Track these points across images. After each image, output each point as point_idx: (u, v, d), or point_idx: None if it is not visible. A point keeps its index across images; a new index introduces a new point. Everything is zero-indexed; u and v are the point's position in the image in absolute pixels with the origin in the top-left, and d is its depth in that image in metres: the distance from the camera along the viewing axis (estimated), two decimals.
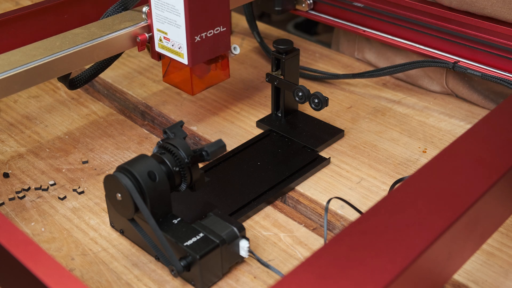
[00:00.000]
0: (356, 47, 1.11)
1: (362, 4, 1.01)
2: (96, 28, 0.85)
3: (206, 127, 0.94)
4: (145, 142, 0.91)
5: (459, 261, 0.58)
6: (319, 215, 0.78)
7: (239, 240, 0.68)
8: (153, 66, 1.10)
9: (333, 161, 0.86)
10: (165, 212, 0.68)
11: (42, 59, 0.78)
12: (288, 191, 0.81)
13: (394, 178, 0.82)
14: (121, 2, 0.90)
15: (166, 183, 0.66)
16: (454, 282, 0.68)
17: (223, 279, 0.69)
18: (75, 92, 1.04)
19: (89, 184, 0.83)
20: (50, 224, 0.77)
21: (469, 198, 0.55)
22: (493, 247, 0.72)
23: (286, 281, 0.48)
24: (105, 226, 0.76)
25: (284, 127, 0.91)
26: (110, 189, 0.67)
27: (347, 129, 0.92)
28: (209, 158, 0.68)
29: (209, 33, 0.83)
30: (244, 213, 0.76)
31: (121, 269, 0.70)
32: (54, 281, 0.49)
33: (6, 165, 0.87)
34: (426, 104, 0.98)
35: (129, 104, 1.02)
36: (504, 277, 0.68)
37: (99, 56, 0.84)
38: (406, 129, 0.92)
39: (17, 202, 0.80)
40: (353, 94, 1.01)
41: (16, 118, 0.97)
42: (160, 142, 0.69)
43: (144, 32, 0.87)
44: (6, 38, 0.88)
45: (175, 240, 0.66)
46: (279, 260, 0.71)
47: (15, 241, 0.53)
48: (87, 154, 0.89)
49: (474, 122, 0.93)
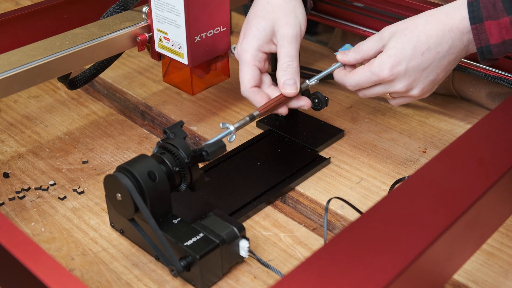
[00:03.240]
0: None
1: (362, 4, 1.01)
2: (96, 28, 0.85)
3: (206, 127, 0.94)
4: (145, 142, 0.91)
5: (459, 261, 0.58)
6: (319, 215, 0.78)
7: (239, 240, 0.68)
8: (153, 66, 1.10)
9: (333, 161, 0.86)
10: (165, 212, 0.68)
11: (42, 59, 0.78)
12: (288, 191, 0.81)
13: (394, 178, 0.82)
14: (121, 2, 0.90)
15: (166, 183, 0.66)
16: (454, 282, 0.68)
17: (223, 279, 0.69)
18: (75, 92, 1.04)
19: (89, 184, 0.83)
20: (50, 224, 0.77)
21: (469, 198, 0.55)
22: (493, 247, 0.72)
23: (286, 281, 0.48)
24: (105, 226, 0.76)
25: (284, 127, 0.91)
26: (110, 189, 0.67)
27: (347, 129, 0.92)
28: (209, 158, 0.68)
29: (209, 33, 0.83)
30: (244, 213, 0.76)
31: (121, 269, 0.70)
32: (54, 281, 0.49)
33: (6, 165, 0.87)
34: (426, 104, 0.98)
35: (129, 104, 1.02)
36: (504, 277, 0.68)
37: (99, 56, 0.84)
38: (406, 129, 0.92)
39: (17, 202, 0.80)
40: (353, 94, 1.01)
41: (16, 118, 0.97)
42: (160, 142, 0.69)
43: (144, 32, 0.87)
44: (6, 38, 0.88)
45: (175, 240, 0.66)
46: (279, 260, 0.71)
47: (15, 241, 0.53)
48: (87, 154, 0.89)
49: (474, 122, 0.93)
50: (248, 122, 0.76)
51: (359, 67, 0.79)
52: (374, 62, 0.76)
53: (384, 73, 0.75)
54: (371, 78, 0.76)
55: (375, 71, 0.76)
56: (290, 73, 0.79)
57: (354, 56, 0.80)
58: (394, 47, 0.74)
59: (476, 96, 0.97)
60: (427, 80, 0.76)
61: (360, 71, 0.78)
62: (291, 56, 0.79)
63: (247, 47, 0.80)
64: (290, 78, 0.78)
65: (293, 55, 0.79)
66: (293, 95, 0.79)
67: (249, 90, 0.80)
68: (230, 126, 0.74)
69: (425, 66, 0.75)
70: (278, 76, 0.79)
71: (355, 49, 0.80)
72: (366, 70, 0.77)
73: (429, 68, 0.75)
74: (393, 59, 0.74)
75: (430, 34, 0.74)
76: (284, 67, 0.79)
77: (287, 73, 0.79)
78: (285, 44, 0.79)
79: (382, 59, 0.75)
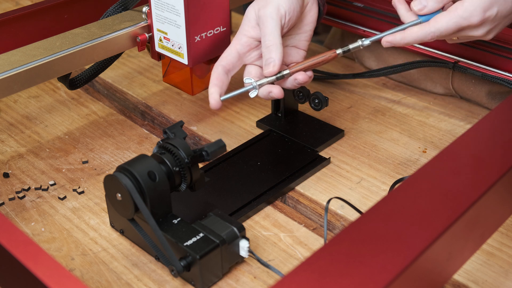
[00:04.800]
0: (354, 55, 1.10)
1: (362, 4, 1.01)
2: (96, 28, 0.85)
3: (206, 127, 0.94)
4: (145, 142, 0.91)
5: (459, 261, 0.58)
6: (319, 215, 0.78)
7: (239, 240, 0.68)
8: (153, 66, 1.10)
9: (333, 161, 0.86)
10: (165, 212, 0.68)
11: (42, 59, 0.78)
12: (288, 191, 0.81)
13: (394, 178, 0.82)
14: (121, 2, 0.90)
15: (166, 183, 0.66)
16: (454, 282, 0.68)
17: (223, 279, 0.69)
18: (75, 92, 1.04)
19: (89, 184, 0.83)
20: (50, 224, 0.77)
21: (469, 198, 0.55)
22: (493, 247, 0.72)
23: (286, 281, 0.48)
24: (105, 226, 0.76)
25: (284, 127, 0.91)
26: (110, 189, 0.67)
27: (347, 129, 0.92)
28: (209, 158, 0.68)
29: (209, 33, 0.83)
30: (244, 213, 0.76)
31: (121, 269, 0.70)
32: (54, 281, 0.49)
33: (6, 165, 0.87)
34: (426, 104, 0.98)
35: (129, 104, 1.02)
36: (504, 277, 0.68)
37: (99, 56, 0.84)
38: (406, 129, 0.92)
39: (17, 202, 0.80)
40: (353, 94, 1.01)
41: (16, 118, 0.97)
42: (160, 142, 0.69)
43: (144, 32, 0.87)
44: (6, 38, 0.88)
45: (175, 240, 0.66)
46: (279, 260, 0.71)
47: (15, 241, 0.53)
48: (87, 154, 0.89)
49: (474, 122, 0.93)
50: (274, 80, 0.76)
51: (442, 14, 0.73)
52: (464, 6, 0.71)
53: (475, 18, 0.71)
54: (460, 23, 0.72)
55: (465, 15, 0.71)
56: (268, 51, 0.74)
57: (435, 4, 0.74)
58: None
59: (476, 96, 0.97)
60: (504, 26, 0.73)
61: (446, 18, 0.72)
62: (270, 33, 0.74)
63: (237, 35, 0.79)
64: (268, 58, 0.75)
65: (271, 32, 0.74)
66: (271, 74, 0.75)
67: (216, 66, 0.77)
68: (254, 82, 0.74)
69: (510, 12, 0.71)
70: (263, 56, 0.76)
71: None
72: (455, 16, 0.71)
73: (511, 15, 0.72)
74: (485, 3, 0.70)
75: None
76: (264, 46, 0.75)
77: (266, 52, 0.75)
78: (264, 24, 0.75)
79: (473, 2, 0.70)
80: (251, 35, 0.77)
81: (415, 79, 1.02)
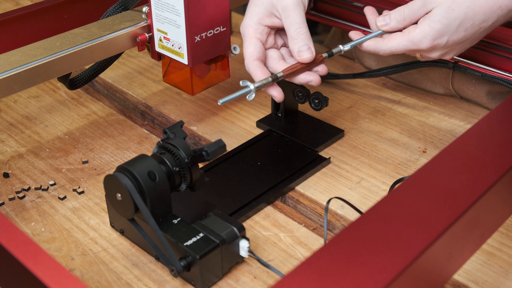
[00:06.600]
0: (354, 55, 1.10)
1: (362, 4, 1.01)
2: (96, 28, 0.85)
3: (206, 127, 0.94)
4: (145, 142, 0.91)
5: (459, 261, 0.58)
6: (319, 215, 0.78)
7: (239, 240, 0.68)
8: (153, 66, 1.10)
9: (333, 161, 0.86)
10: (165, 212, 0.68)
11: (42, 59, 0.78)
12: (288, 191, 0.81)
13: (394, 178, 0.82)
14: (121, 2, 0.90)
15: (166, 183, 0.66)
16: (454, 282, 0.68)
17: (223, 279, 0.69)
18: (75, 92, 1.04)
19: (89, 184, 0.83)
20: (50, 224, 0.77)
21: (469, 198, 0.55)
22: (493, 247, 0.72)
23: (286, 281, 0.48)
24: (105, 226, 0.76)
25: (284, 127, 0.91)
26: (110, 189, 0.67)
27: (347, 129, 0.92)
28: (209, 158, 0.68)
29: (209, 33, 0.83)
30: (244, 213, 0.76)
31: (121, 269, 0.70)
32: (54, 281, 0.49)
33: (6, 165, 0.87)
34: (426, 104, 0.98)
35: (129, 104, 1.02)
36: (504, 277, 0.68)
37: (99, 56, 0.84)
38: (406, 129, 0.92)
39: (17, 202, 0.80)
40: (353, 94, 1.01)
41: (16, 118, 0.97)
42: (160, 142, 0.69)
43: (144, 32, 0.87)
44: (6, 38, 0.88)
45: (175, 240, 0.66)
46: (279, 260, 0.71)
47: (15, 241, 0.53)
48: (87, 154, 0.89)
49: (474, 122, 0.93)
50: (270, 82, 0.76)
51: (397, 34, 0.77)
52: (415, 32, 0.74)
53: (424, 45, 0.74)
54: (409, 47, 0.75)
55: (415, 41, 0.74)
56: (301, 39, 0.77)
57: (396, 24, 0.77)
58: (439, 21, 0.73)
59: (476, 96, 0.97)
60: (462, 49, 0.77)
61: (399, 39, 0.76)
62: (298, 23, 0.77)
63: (249, 22, 0.79)
64: (303, 45, 0.76)
65: (299, 21, 0.77)
66: (309, 60, 0.77)
67: (251, 62, 0.78)
68: (251, 85, 0.74)
69: (465, 40, 0.74)
70: (291, 46, 0.77)
71: (396, 15, 0.77)
72: (406, 39, 0.75)
73: (468, 41, 0.75)
74: (435, 33, 0.73)
75: (478, 11, 0.73)
76: (294, 36, 0.77)
77: (299, 40, 0.77)
78: (289, 14, 0.77)
79: (424, 30, 0.74)
80: (267, 23, 0.79)
81: (415, 79, 1.02)
